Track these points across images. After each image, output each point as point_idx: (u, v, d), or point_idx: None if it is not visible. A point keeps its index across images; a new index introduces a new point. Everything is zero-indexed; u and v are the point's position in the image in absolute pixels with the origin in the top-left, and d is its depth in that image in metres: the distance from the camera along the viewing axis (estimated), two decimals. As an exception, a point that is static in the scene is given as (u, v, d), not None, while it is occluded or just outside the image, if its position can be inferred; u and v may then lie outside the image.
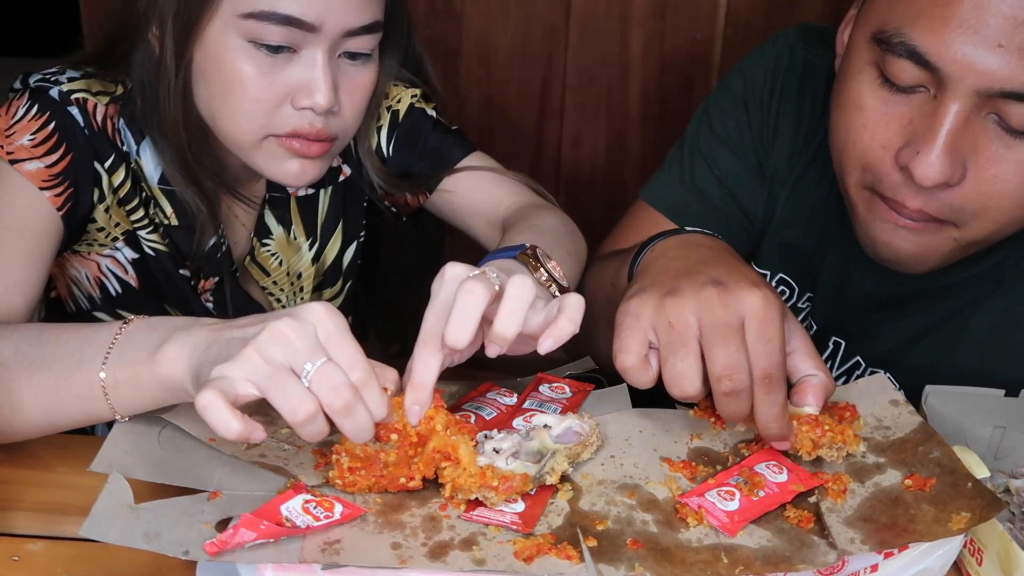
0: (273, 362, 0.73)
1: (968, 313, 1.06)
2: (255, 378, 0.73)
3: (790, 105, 1.16)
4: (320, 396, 0.73)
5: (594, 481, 0.83)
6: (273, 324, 0.74)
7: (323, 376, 0.73)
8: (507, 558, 0.74)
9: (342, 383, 0.73)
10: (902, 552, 0.77)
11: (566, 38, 2.05)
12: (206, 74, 1.04)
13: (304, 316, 0.75)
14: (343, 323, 0.76)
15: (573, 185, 2.19)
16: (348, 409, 0.73)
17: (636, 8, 2.02)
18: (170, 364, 0.79)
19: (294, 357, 0.73)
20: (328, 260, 1.29)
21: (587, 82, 2.09)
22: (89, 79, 1.10)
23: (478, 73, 2.09)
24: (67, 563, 0.82)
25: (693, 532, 0.78)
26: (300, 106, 1.03)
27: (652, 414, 0.91)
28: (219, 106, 1.05)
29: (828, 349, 1.15)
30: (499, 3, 2.03)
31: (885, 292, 1.09)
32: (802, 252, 1.16)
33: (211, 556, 0.71)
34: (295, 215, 1.24)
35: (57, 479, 0.90)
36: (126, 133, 1.11)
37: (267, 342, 0.73)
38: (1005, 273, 1.05)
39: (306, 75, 1.02)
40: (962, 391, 0.95)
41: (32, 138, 1.05)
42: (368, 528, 0.76)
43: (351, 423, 0.74)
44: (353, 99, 1.08)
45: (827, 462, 0.85)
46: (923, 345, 1.09)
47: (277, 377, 0.73)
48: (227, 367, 0.73)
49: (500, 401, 0.92)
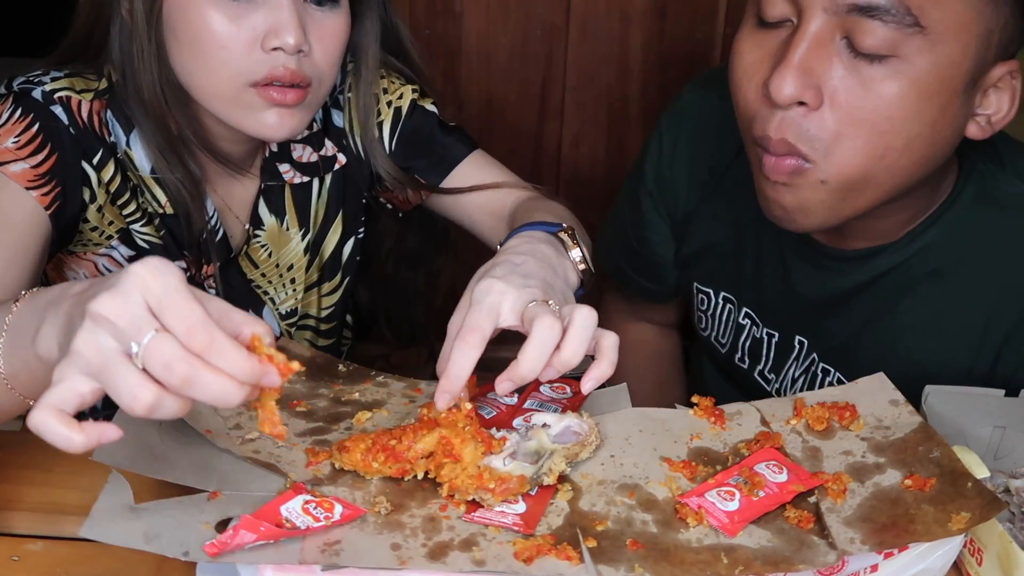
0: (103, 350, 0.65)
1: (905, 304, 1.08)
2: (89, 373, 0.66)
3: (690, 150, 1.23)
4: (156, 376, 0.65)
5: (594, 481, 0.83)
6: (91, 306, 0.65)
7: (153, 353, 0.64)
8: (507, 559, 0.74)
9: (175, 356, 0.64)
10: (902, 552, 0.77)
11: (566, 38, 2.05)
12: (175, 29, 1.05)
13: (124, 286, 0.65)
14: (174, 281, 0.66)
15: (573, 185, 2.19)
16: (189, 383, 0.65)
17: (636, 8, 2.02)
18: (48, 349, 0.72)
19: (121, 338, 0.65)
20: (327, 252, 1.29)
21: (587, 82, 2.09)
22: (72, 78, 1.10)
23: (478, 73, 2.09)
24: (67, 563, 0.82)
25: (693, 532, 0.78)
26: (270, 47, 1.04)
27: (652, 414, 0.91)
28: (192, 59, 1.06)
29: (795, 350, 1.18)
30: (499, 3, 2.03)
31: (826, 289, 1.12)
32: (737, 266, 1.21)
33: (211, 557, 0.71)
34: (289, 204, 1.24)
35: (57, 479, 0.91)
36: (114, 125, 1.11)
37: (91, 329, 0.66)
38: (939, 264, 1.06)
39: (271, 17, 1.03)
40: (962, 391, 0.95)
41: (16, 140, 1.04)
42: (368, 529, 0.76)
43: (201, 393, 0.65)
44: (324, 44, 1.08)
45: (827, 462, 0.85)
46: (867, 338, 1.11)
47: (109, 368, 0.65)
48: (63, 367, 0.66)
49: (501, 401, 0.92)
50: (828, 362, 1.14)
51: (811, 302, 1.14)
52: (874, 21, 0.88)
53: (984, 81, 0.94)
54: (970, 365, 1.05)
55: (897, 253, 1.07)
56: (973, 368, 1.05)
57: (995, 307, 1.04)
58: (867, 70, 0.91)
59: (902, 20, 0.88)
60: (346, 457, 0.82)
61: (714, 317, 1.26)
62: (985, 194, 1.05)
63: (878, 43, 0.89)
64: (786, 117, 0.94)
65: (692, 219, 1.24)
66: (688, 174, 1.23)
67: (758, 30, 0.97)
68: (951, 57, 0.90)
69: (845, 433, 0.88)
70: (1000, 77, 0.95)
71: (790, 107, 0.93)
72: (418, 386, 0.97)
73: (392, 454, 0.80)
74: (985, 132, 0.97)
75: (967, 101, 0.94)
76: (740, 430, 0.90)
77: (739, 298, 1.22)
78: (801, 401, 0.91)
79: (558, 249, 0.98)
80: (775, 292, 1.17)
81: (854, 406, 0.90)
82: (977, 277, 1.04)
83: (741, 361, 1.25)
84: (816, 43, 0.91)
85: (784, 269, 1.15)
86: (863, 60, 0.90)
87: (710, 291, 1.25)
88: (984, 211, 1.04)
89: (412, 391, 0.96)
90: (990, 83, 0.95)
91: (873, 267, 1.08)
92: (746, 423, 0.90)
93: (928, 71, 0.90)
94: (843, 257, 1.09)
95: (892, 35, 0.89)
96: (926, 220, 1.06)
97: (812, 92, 0.92)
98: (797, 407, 0.91)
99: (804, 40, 0.91)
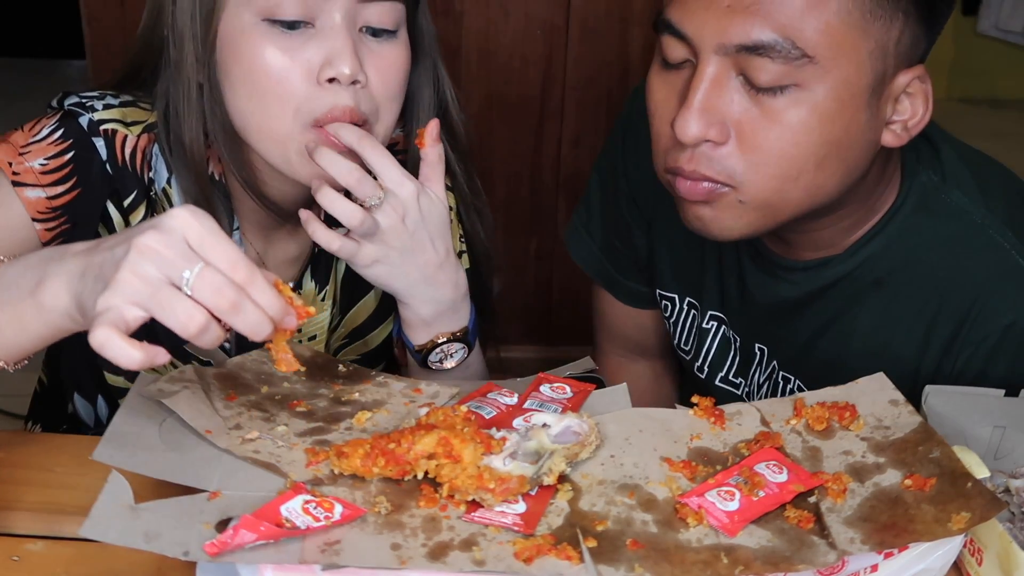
0: (150, 279, 0.72)
1: (853, 313, 1.10)
2: (137, 301, 0.72)
3: (646, 149, 1.19)
4: (205, 301, 0.72)
5: (594, 481, 0.83)
6: (138, 240, 0.73)
7: (203, 281, 0.72)
8: (507, 559, 0.74)
9: (224, 283, 0.73)
10: (902, 552, 0.77)
11: (566, 38, 2.05)
12: (229, 68, 1.01)
13: (168, 224, 0.73)
14: (213, 224, 0.74)
15: (573, 185, 2.19)
16: (236, 307, 0.73)
17: (636, 8, 2.02)
18: (53, 297, 0.78)
19: (169, 269, 0.72)
20: (359, 327, 1.22)
21: (587, 82, 2.09)
22: (126, 108, 1.06)
23: (478, 73, 2.09)
24: (67, 563, 0.82)
25: (693, 532, 0.78)
26: (325, 78, 0.99)
27: (652, 414, 0.91)
28: (247, 98, 1.01)
29: (756, 357, 1.19)
30: (499, 3, 2.03)
31: (777, 298, 1.13)
32: (700, 270, 1.21)
33: (211, 557, 0.71)
34: (334, 273, 1.19)
35: (57, 479, 0.90)
36: (158, 160, 1.07)
37: (137, 260, 0.72)
38: (883, 275, 1.08)
39: (326, 46, 0.99)
40: (962, 391, 0.96)
41: (45, 163, 1.02)
42: (368, 529, 0.76)
43: (243, 321, 0.74)
44: (382, 75, 1.03)
45: (827, 461, 0.85)
46: (819, 347, 1.12)
47: (159, 295, 0.72)
48: (108, 296, 0.72)
49: (501, 401, 0.92)
50: (787, 370, 1.16)
51: (767, 310, 1.15)
52: (763, 59, 0.92)
53: (889, 91, 0.97)
54: (915, 370, 1.07)
55: (843, 264, 1.09)
56: (918, 374, 1.06)
57: (936, 313, 1.06)
58: (768, 102, 0.94)
59: (789, 54, 0.91)
60: (345, 463, 0.81)
61: (678, 324, 1.26)
62: (926, 204, 1.07)
63: (772, 78, 0.92)
64: (697, 151, 0.96)
65: (655, 219, 1.25)
66: (651, 171, 1.21)
67: (663, 70, 1.00)
68: (846, 78, 0.93)
69: (845, 433, 0.88)
70: (908, 83, 0.97)
71: (699, 144, 0.96)
72: (418, 386, 0.97)
73: (392, 457, 0.80)
74: (902, 139, 1.00)
75: (874, 114, 0.97)
76: (740, 430, 0.90)
77: (702, 302, 1.22)
78: (801, 401, 0.91)
79: None
80: (735, 298, 1.18)
81: (854, 406, 0.89)
82: (917, 285, 1.06)
83: (700, 370, 1.24)
84: (714, 84, 0.94)
85: (742, 276, 1.16)
86: (763, 93, 0.94)
87: (674, 296, 1.26)
88: (924, 220, 1.06)
89: (412, 391, 0.96)
90: (898, 91, 0.97)
91: (822, 277, 1.10)
92: (746, 423, 0.90)
93: (826, 95, 0.93)
94: (793, 268, 1.11)
95: (784, 69, 0.92)
96: (870, 231, 1.07)
97: (716, 129, 0.95)
98: (797, 407, 0.91)
99: (703, 82, 0.94)
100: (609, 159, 1.29)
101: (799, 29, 0.91)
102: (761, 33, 0.91)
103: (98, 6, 2.09)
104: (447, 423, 0.83)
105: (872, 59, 0.94)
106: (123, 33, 2.08)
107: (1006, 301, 1.03)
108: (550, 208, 2.27)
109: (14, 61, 4.12)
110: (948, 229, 1.06)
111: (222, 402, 0.90)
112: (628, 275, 1.32)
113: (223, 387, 0.91)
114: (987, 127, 3.51)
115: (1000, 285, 1.04)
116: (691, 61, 0.96)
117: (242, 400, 0.90)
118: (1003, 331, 1.03)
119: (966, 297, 1.04)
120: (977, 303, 1.04)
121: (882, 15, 0.93)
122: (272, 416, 0.89)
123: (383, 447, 0.81)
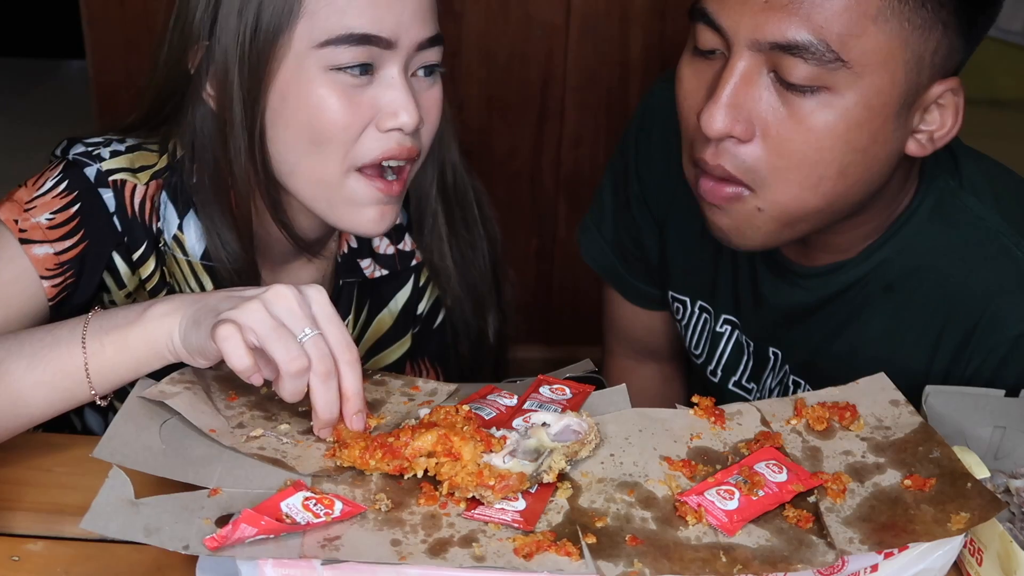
0: (276, 317, 0.82)
1: (864, 319, 1.09)
2: (259, 328, 0.81)
3: (663, 149, 1.21)
4: (311, 359, 0.82)
5: (593, 479, 0.83)
6: (277, 287, 0.83)
7: (317, 343, 0.82)
8: (507, 555, 0.74)
9: (328, 354, 0.83)
10: (902, 552, 0.78)
11: (566, 38, 2.05)
12: (284, 116, 1.00)
13: (305, 291, 0.84)
14: (335, 312, 0.85)
15: (573, 185, 2.19)
16: (328, 376, 0.82)
17: (636, 8, 2.02)
18: (162, 315, 0.86)
19: (294, 321, 0.82)
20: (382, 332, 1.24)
21: (587, 82, 2.09)
22: (133, 153, 1.05)
23: (478, 73, 2.09)
24: (67, 563, 0.82)
25: (692, 530, 0.78)
26: (386, 128, 1.00)
27: (652, 414, 0.91)
28: (301, 145, 1.01)
29: (770, 361, 1.18)
30: (499, 3, 2.03)
31: (791, 302, 1.13)
32: (709, 276, 1.21)
33: (211, 551, 0.71)
34: (355, 304, 1.19)
35: (57, 479, 0.91)
36: (166, 208, 1.06)
37: (273, 300, 0.82)
38: (893, 281, 1.07)
39: (388, 96, 0.99)
40: (962, 391, 0.96)
41: (51, 218, 1.00)
42: (368, 525, 0.76)
43: (325, 391, 0.83)
44: (431, 116, 1.04)
45: (827, 461, 0.85)
46: (830, 352, 1.12)
47: (279, 330, 0.81)
48: (233, 313, 0.81)
49: (500, 402, 0.92)
50: (798, 374, 1.15)
51: (781, 314, 1.15)
52: (796, 59, 0.91)
53: (921, 101, 0.96)
54: (924, 377, 1.05)
55: (856, 269, 1.08)
56: (927, 381, 1.04)
57: (945, 321, 1.05)
58: (797, 102, 0.93)
59: (823, 56, 0.90)
60: (346, 453, 0.82)
61: (689, 327, 1.26)
62: (941, 210, 1.06)
63: (803, 78, 0.91)
64: (720, 146, 0.96)
65: (667, 222, 1.24)
66: (664, 172, 1.22)
67: (695, 58, 0.99)
68: (879, 87, 0.92)
69: (845, 433, 0.88)
70: (940, 95, 0.96)
71: (723, 139, 0.95)
72: (416, 384, 0.97)
73: (389, 450, 0.81)
74: (926, 149, 0.99)
75: (903, 123, 0.96)
76: (740, 430, 0.90)
77: (716, 307, 1.22)
78: (801, 401, 0.91)
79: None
80: (749, 302, 1.18)
81: (854, 406, 0.90)
82: (927, 292, 1.06)
83: (713, 374, 1.24)
84: (744, 79, 0.93)
85: (756, 280, 1.16)
86: (794, 92, 0.93)
87: (686, 299, 1.25)
88: (939, 226, 1.06)
89: (410, 389, 0.96)
90: (929, 101, 0.96)
91: (835, 282, 1.09)
92: (746, 423, 0.90)
93: (857, 102, 0.92)
94: (806, 273, 1.11)
95: (816, 71, 0.91)
96: (883, 236, 1.07)
97: (742, 126, 0.94)
98: (797, 407, 0.91)
99: (733, 76, 0.93)
100: (622, 159, 1.29)
101: (836, 32, 0.90)
102: (797, 33, 0.90)
103: (98, 6, 2.09)
104: (448, 422, 0.83)
105: (907, 69, 0.93)
106: (123, 33, 2.08)
107: (1016, 311, 1.02)
108: (550, 208, 2.27)
109: (14, 61, 4.12)
110: (961, 235, 1.05)
111: (223, 402, 0.90)
112: (638, 276, 1.32)
113: (223, 388, 0.91)
114: (987, 127, 3.51)
115: (1011, 295, 1.02)
116: (723, 52, 0.95)
117: (243, 400, 0.90)
118: (1013, 341, 1.02)
119: (976, 306, 1.03)
120: (987, 312, 1.03)
121: (921, 25, 0.91)
122: (274, 415, 0.89)
123: (382, 440, 0.82)
